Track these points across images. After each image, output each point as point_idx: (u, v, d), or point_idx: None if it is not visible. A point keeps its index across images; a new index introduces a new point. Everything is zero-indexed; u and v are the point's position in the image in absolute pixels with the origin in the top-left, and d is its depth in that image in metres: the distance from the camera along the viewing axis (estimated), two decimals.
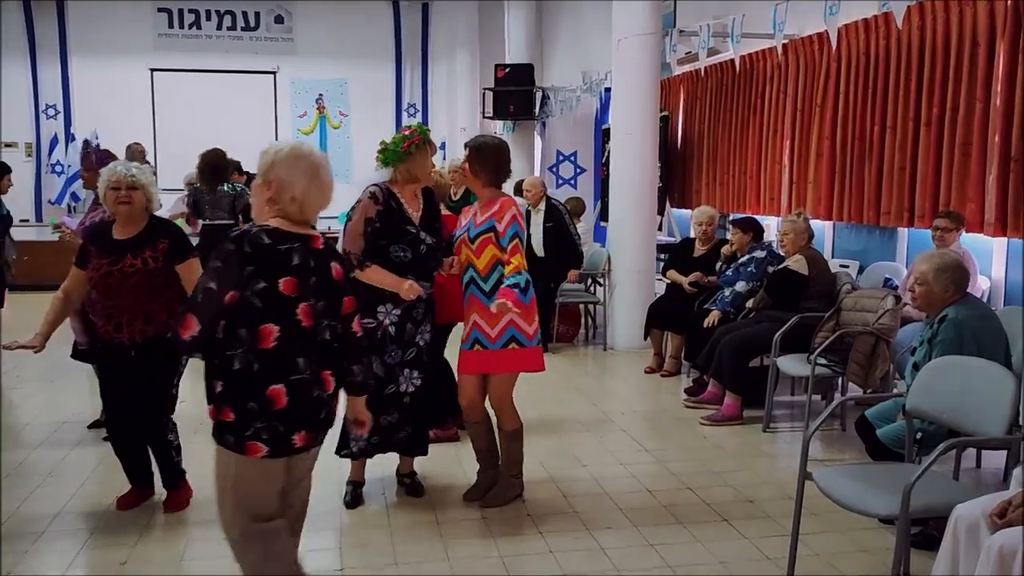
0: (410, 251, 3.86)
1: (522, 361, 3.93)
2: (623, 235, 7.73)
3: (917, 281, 3.78)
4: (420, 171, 3.93)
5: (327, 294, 2.63)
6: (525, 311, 3.86)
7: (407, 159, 3.89)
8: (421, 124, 4.04)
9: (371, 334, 3.84)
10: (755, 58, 8.10)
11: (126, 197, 3.80)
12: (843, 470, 3.26)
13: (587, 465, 4.70)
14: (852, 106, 6.73)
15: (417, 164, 3.91)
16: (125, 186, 3.80)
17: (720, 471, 4.61)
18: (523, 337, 3.87)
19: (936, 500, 2.86)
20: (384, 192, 3.88)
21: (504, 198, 3.93)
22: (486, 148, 3.95)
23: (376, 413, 3.93)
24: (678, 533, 3.82)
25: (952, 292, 3.72)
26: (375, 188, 3.89)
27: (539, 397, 6.13)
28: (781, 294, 5.51)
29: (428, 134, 3.98)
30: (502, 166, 3.95)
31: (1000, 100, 5.31)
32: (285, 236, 2.56)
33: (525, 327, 3.88)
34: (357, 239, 3.80)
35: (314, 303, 2.58)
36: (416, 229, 3.91)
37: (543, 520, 3.95)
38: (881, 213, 6.44)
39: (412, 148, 3.89)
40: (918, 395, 3.28)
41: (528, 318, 3.89)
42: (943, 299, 3.72)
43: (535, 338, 3.92)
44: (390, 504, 4.15)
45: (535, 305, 3.94)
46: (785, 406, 5.96)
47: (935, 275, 3.70)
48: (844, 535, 3.73)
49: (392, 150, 3.90)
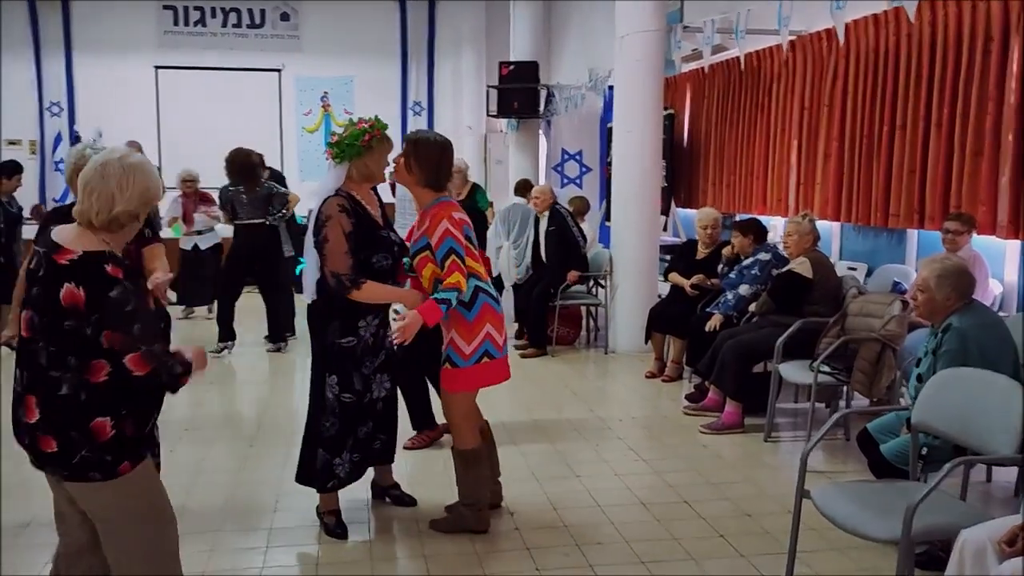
0: (389, 256, 3.67)
1: (448, 380, 3.64)
2: (625, 235, 7.56)
3: (919, 288, 3.59)
4: (377, 168, 3.68)
5: (43, 313, 2.36)
6: (465, 329, 3.59)
7: (366, 154, 3.62)
8: (378, 117, 3.74)
9: (351, 351, 3.68)
10: (762, 55, 7.92)
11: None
12: (843, 488, 3.09)
13: (580, 476, 4.54)
14: (861, 105, 6.54)
15: (376, 160, 3.65)
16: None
17: (718, 483, 4.44)
18: (457, 357, 3.58)
19: (941, 522, 2.69)
20: (348, 199, 3.61)
21: (435, 208, 3.58)
22: (426, 144, 3.64)
23: (353, 427, 3.79)
24: (672, 550, 3.65)
25: (955, 300, 3.52)
26: (340, 199, 3.58)
27: (534, 402, 5.98)
28: (784, 298, 5.32)
29: (386, 128, 3.70)
30: (442, 167, 3.64)
31: (1014, 98, 5.11)
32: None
33: (462, 346, 3.58)
34: (344, 258, 3.51)
35: (32, 315, 2.37)
36: (387, 231, 3.74)
37: (531, 535, 3.78)
38: (890, 215, 6.25)
39: (373, 142, 3.62)
40: (923, 409, 3.10)
41: (467, 336, 3.58)
42: (945, 307, 3.53)
43: (471, 358, 3.57)
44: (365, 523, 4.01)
45: (481, 323, 3.59)
46: (788, 414, 5.79)
47: (937, 282, 3.51)
48: (844, 554, 3.56)
49: (349, 144, 3.61)
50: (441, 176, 3.66)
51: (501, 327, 3.69)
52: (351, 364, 3.69)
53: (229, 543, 3.74)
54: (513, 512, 4.02)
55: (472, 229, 3.70)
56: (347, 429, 3.75)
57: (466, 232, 3.61)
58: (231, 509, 4.10)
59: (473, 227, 5.14)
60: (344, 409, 3.71)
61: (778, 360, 5.08)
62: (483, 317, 3.61)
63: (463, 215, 3.65)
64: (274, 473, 4.55)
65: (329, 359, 3.71)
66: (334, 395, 3.71)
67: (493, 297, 3.69)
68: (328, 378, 3.72)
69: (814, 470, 4.59)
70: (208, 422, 5.51)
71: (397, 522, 3.97)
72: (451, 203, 3.65)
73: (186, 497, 4.19)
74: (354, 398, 3.71)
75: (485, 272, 3.72)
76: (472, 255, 3.61)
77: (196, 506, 4.10)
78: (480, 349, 3.59)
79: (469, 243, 3.61)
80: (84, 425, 2.34)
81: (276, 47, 14.60)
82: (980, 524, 2.49)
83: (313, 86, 14.93)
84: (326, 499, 3.87)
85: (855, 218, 6.69)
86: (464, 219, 3.64)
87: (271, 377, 7.02)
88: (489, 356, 3.62)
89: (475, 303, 3.59)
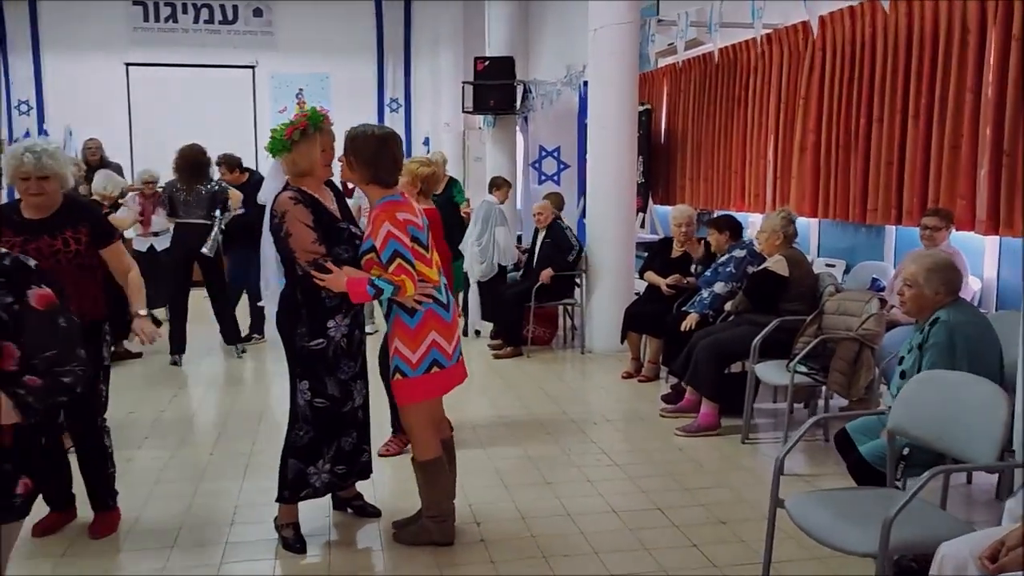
0: (350, 248, 3.48)
1: (399, 391, 3.48)
2: (601, 233, 7.42)
3: (906, 283, 3.46)
4: (305, 163, 3.46)
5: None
6: (408, 336, 3.41)
7: (293, 149, 3.44)
8: (315, 109, 3.55)
9: (322, 354, 3.52)
10: (738, 49, 7.81)
11: (37, 189, 3.51)
12: (819, 497, 2.95)
13: (551, 483, 4.39)
14: (837, 98, 6.44)
15: (304, 155, 3.44)
16: (35, 177, 3.49)
17: (693, 488, 4.30)
18: (405, 366, 3.41)
19: (919, 535, 2.56)
20: (300, 193, 3.44)
21: (378, 208, 3.37)
22: (363, 138, 3.42)
23: (338, 438, 3.64)
24: (642, 561, 3.50)
25: (944, 294, 3.41)
26: (292, 192, 3.43)
27: (506, 404, 5.84)
28: (760, 297, 5.19)
29: (322, 120, 3.49)
30: (381, 162, 3.40)
31: (992, 91, 5.01)
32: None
33: (407, 354, 3.41)
34: (316, 246, 3.35)
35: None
36: (346, 224, 3.54)
37: (497, 547, 3.63)
38: (868, 210, 6.15)
39: (296, 135, 3.43)
40: (901, 413, 2.97)
41: (411, 344, 3.41)
42: (934, 302, 3.41)
43: (419, 368, 3.40)
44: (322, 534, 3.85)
45: (424, 330, 3.41)
46: (767, 414, 5.66)
47: (926, 276, 3.39)
48: (824, 563, 3.42)
49: (276, 138, 3.46)
50: (382, 171, 3.44)
51: (450, 334, 3.50)
52: (323, 368, 3.53)
53: (182, 562, 3.57)
54: (479, 522, 3.87)
55: (422, 230, 3.48)
56: (323, 437, 3.59)
57: (412, 233, 3.38)
58: (187, 522, 3.92)
59: (444, 222, 5.05)
60: (317, 416, 3.55)
61: (754, 360, 4.96)
62: (427, 324, 3.42)
63: (409, 215, 3.40)
64: (234, 483, 4.39)
65: (300, 364, 3.56)
66: (306, 401, 3.55)
67: (441, 304, 3.48)
68: (300, 383, 3.56)
69: (791, 473, 4.48)
70: (169, 429, 5.32)
71: (359, 535, 3.82)
72: (396, 202, 3.41)
73: (142, 509, 4.03)
74: (328, 404, 3.55)
75: (437, 276, 3.50)
76: (422, 258, 3.42)
77: (152, 519, 3.94)
78: (428, 358, 3.42)
79: (418, 245, 3.41)
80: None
81: (249, 44, 14.40)
82: (961, 537, 2.37)
83: (288, 83, 14.74)
84: (285, 511, 3.70)
85: (833, 213, 6.59)
86: (410, 219, 3.39)
87: (232, 383, 6.82)
88: (439, 366, 3.45)
89: (417, 311, 3.40)
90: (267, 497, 3.97)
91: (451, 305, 3.54)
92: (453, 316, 3.54)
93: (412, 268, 3.30)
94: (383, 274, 3.30)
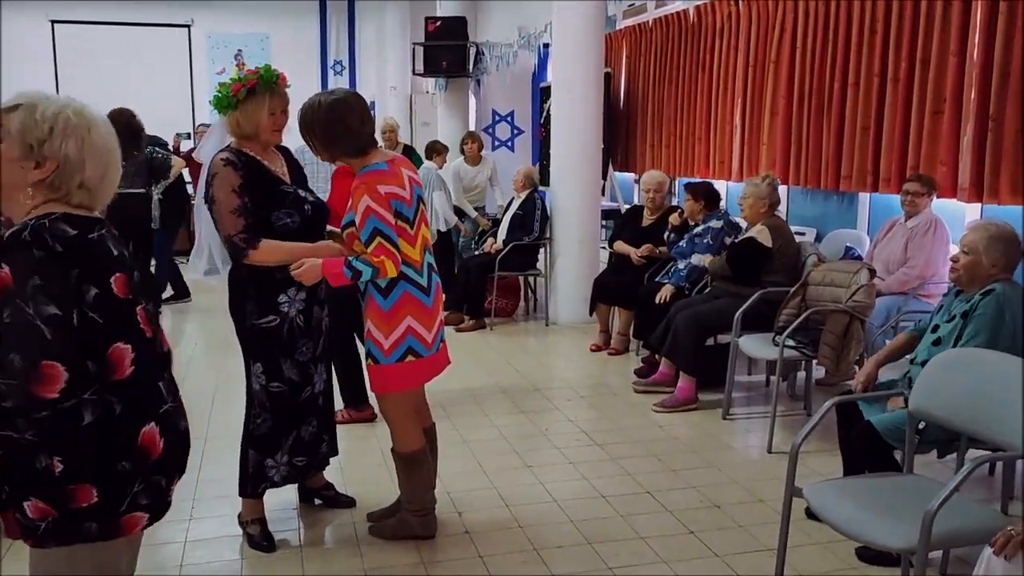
0: (296, 214, 3.15)
1: (372, 378, 3.18)
2: (565, 201, 7.15)
3: (964, 250, 3.24)
4: (249, 125, 3.13)
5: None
6: (381, 319, 3.08)
7: (238, 107, 3.11)
8: (268, 66, 3.20)
9: (276, 333, 3.21)
10: (703, 10, 7.56)
11: None
12: (838, 486, 2.76)
13: (532, 466, 4.15)
14: (810, 60, 6.22)
15: (249, 116, 3.11)
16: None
17: (680, 469, 4.11)
18: (377, 351, 3.11)
19: (959, 528, 2.37)
20: (237, 155, 3.12)
21: (358, 179, 3.03)
22: (309, 112, 3.06)
23: (297, 427, 3.35)
24: (639, 551, 3.29)
25: (1000, 268, 3.21)
26: (226, 154, 3.11)
27: (476, 382, 5.57)
28: (743, 268, 5.00)
29: (275, 81, 3.16)
30: (332, 132, 3.03)
31: (978, 52, 4.84)
32: (87, 221, 1.79)
33: (380, 339, 3.09)
34: (234, 219, 3.04)
35: (146, 305, 1.89)
36: (292, 188, 3.22)
37: (483, 538, 3.38)
38: (841, 177, 5.98)
39: (241, 94, 3.10)
40: (923, 394, 2.78)
41: (383, 327, 3.08)
42: (989, 274, 3.20)
43: (391, 355, 3.08)
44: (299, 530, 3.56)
45: (398, 314, 3.07)
46: (742, 387, 5.51)
47: (988, 244, 3.18)
48: (828, 549, 3.26)
49: (222, 94, 3.13)
50: (340, 145, 3.07)
51: (430, 320, 3.16)
52: (277, 348, 3.22)
53: (138, 565, 3.24)
54: (461, 512, 3.62)
55: (408, 203, 3.09)
56: (281, 425, 3.29)
57: (396, 207, 3.03)
58: None
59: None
60: (274, 401, 3.26)
61: (737, 333, 4.78)
62: (402, 307, 3.08)
63: (394, 187, 3.04)
64: (188, 474, 4.04)
65: (251, 344, 3.25)
66: (261, 385, 3.25)
67: (419, 287, 3.13)
68: (253, 366, 3.26)
69: (779, 451, 4.32)
70: None
71: (331, 528, 3.53)
72: (379, 172, 3.05)
73: None
74: (285, 387, 3.25)
75: (419, 256, 3.14)
76: (404, 234, 3.05)
77: None
78: (402, 345, 3.09)
79: (402, 220, 3.05)
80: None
81: (184, 1, 13.69)
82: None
83: (226, 43, 14.16)
84: (250, 506, 3.40)
85: (803, 181, 6.42)
86: (394, 192, 3.03)
87: (180, 359, 6.44)
88: (414, 354, 3.11)
89: (393, 290, 3.07)
90: (226, 488, 3.68)
91: (434, 288, 3.20)
92: (435, 300, 3.20)
93: (395, 248, 2.98)
94: (362, 254, 2.98)
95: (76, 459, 1.75)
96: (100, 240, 1.79)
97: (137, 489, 1.83)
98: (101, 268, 1.77)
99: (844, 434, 3.47)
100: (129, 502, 1.82)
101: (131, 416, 1.81)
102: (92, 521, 1.79)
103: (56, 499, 1.75)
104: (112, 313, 1.77)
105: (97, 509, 1.78)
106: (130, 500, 1.83)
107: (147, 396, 1.86)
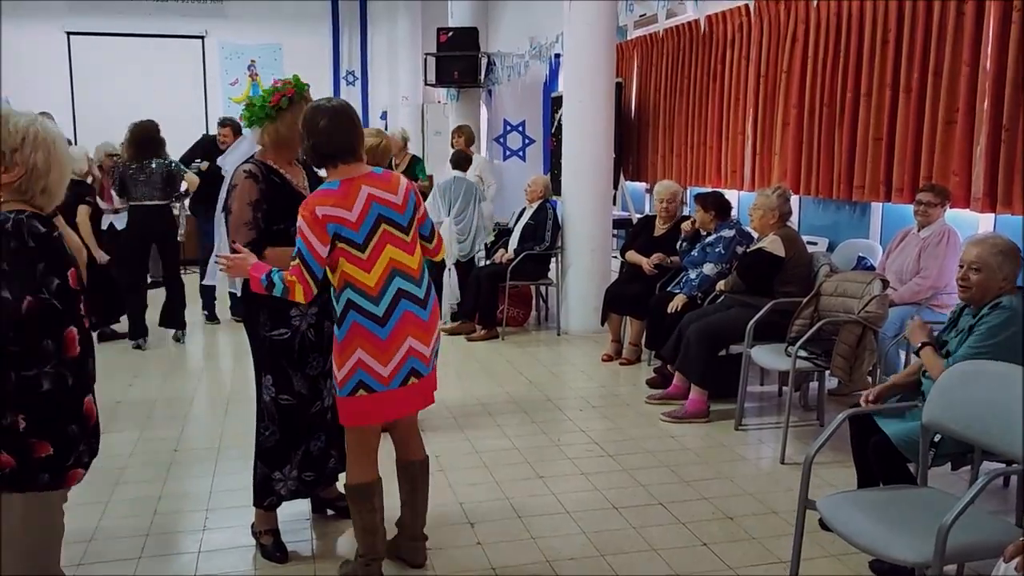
0: None
1: (338, 408, 3.04)
2: (576, 211, 7.16)
3: (973, 267, 3.19)
4: (292, 133, 3.13)
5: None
6: (336, 350, 2.93)
7: (278, 118, 3.17)
8: (298, 77, 3.28)
9: (287, 345, 3.22)
10: (715, 20, 7.57)
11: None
12: (852, 499, 2.75)
13: (544, 476, 4.15)
14: (822, 70, 6.22)
15: (289, 125, 3.14)
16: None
17: (692, 480, 4.10)
18: (334, 383, 2.98)
19: (973, 541, 2.36)
20: (261, 167, 3.17)
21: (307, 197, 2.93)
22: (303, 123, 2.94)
23: (306, 441, 3.36)
24: (653, 563, 3.29)
25: (1010, 282, 3.20)
26: (249, 166, 3.16)
27: (487, 391, 5.58)
28: (755, 278, 4.99)
29: (307, 90, 3.24)
30: (311, 136, 2.88)
31: (991, 63, 4.84)
32: (48, 221, 2.17)
33: (335, 371, 2.93)
34: (243, 231, 3.08)
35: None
36: None
37: (495, 551, 3.38)
38: (854, 187, 5.97)
39: (284, 103, 3.17)
40: (937, 407, 2.77)
41: (337, 359, 2.91)
42: (1000, 288, 3.19)
43: (343, 388, 2.90)
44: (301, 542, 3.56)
45: (349, 347, 2.88)
46: (754, 398, 5.49)
47: (999, 260, 3.15)
48: (842, 561, 3.25)
49: (259, 106, 3.18)
50: (306, 149, 2.93)
51: (385, 355, 2.89)
52: (287, 361, 3.25)
53: (149, 571, 3.26)
54: (474, 523, 3.62)
55: (355, 228, 2.83)
56: (289, 439, 3.31)
57: (335, 230, 2.81)
58: (154, 529, 3.61)
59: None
60: (283, 414, 3.28)
61: (749, 344, 4.77)
62: (352, 340, 2.87)
63: (334, 210, 2.80)
64: (202, 483, 4.08)
65: (262, 356, 3.28)
66: (271, 397, 3.28)
67: (371, 317, 2.87)
68: (264, 378, 3.28)
69: (792, 463, 4.31)
70: (128, 421, 4.97)
71: (343, 540, 3.53)
72: (324, 192, 2.85)
73: (102, 515, 3.70)
74: (294, 401, 3.27)
75: (374, 283, 2.88)
76: (355, 261, 2.85)
77: (114, 526, 3.62)
78: (352, 379, 2.88)
79: (348, 244, 2.84)
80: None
81: (198, 12, 13.78)
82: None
83: (239, 54, 14.18)
84: (262, 517, 3.42)
85: (816, 191, 6.41)
86: (333, 215, 2.79)
87: (194, 370, 6.48)
88: (366, 389, 2.89)
89: (344, 319, 2.88)
90: (240, 499, 3.70)
91: (393, 320, 2.90)
92: (392, 334, 2.89)
93: (310, 274, 2.79)
94: (287, 272, 2.84)
95: (36, 419, 2.12)
96: (59, 238, 2.16)
97: (82, 449, 2.22)
98: (61, 262, 2.13)
99: (858, 446, 3.45)
100: (75, 459, 2.20)
101: (78, 388, 2.19)
102: (45, 472, 2.15)
103: (18, 450, 2.10)
104: (69, 301, 2.14)
105: (49, 462, 2.15)
106: (75, 457, 2.20)
107: (87, 372, 2.24)
